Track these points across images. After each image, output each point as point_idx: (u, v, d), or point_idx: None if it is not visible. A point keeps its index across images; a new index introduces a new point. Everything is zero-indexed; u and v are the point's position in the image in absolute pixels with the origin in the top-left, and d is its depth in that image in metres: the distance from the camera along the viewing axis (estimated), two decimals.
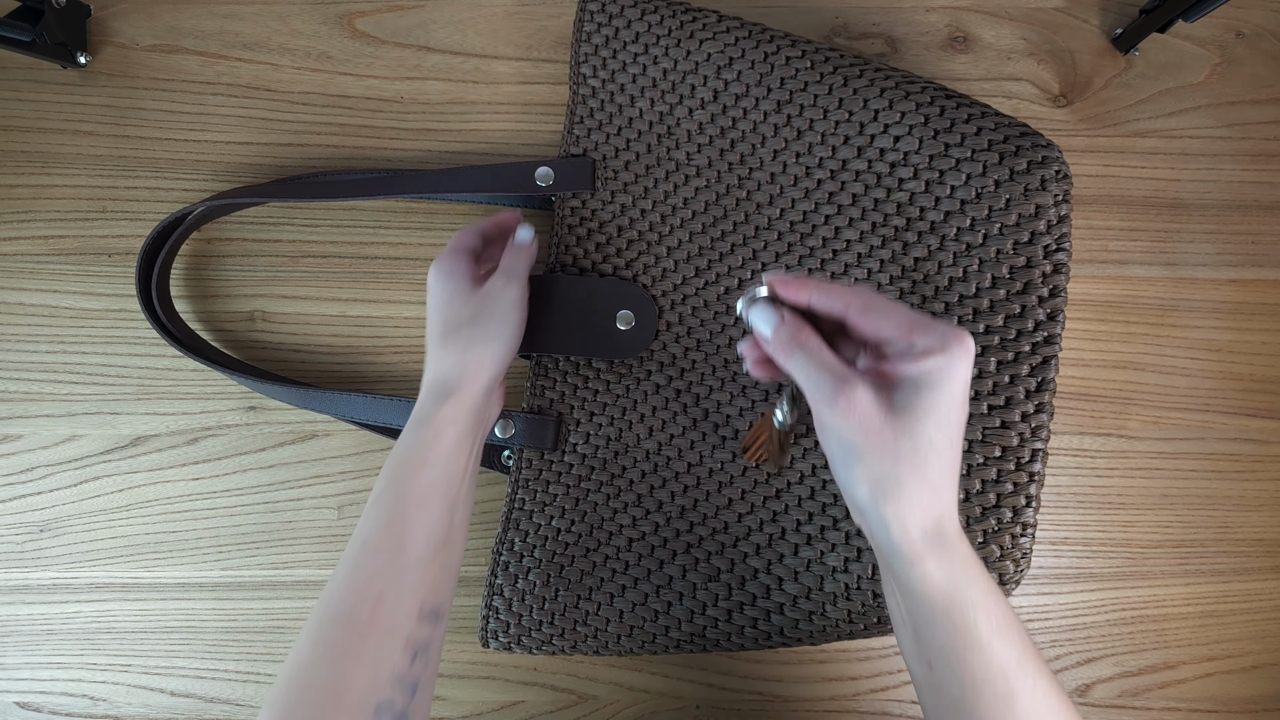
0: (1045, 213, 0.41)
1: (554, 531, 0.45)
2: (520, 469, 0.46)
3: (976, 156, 0.42)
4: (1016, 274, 0.41)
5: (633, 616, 0.44)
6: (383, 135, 0.49)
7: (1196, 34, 0.51)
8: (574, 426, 0.46)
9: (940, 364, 0.29)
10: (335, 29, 0.49)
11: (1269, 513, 0.50)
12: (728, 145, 0.45)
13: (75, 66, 0.48)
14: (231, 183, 0.49)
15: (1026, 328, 0.41)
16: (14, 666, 0.48)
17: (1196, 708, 0.50)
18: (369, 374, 0.49)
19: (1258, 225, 0.50)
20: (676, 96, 0.45)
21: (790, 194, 0.44)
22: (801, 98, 0.44)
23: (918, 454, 0.30)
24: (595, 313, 0.45)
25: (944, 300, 0.42)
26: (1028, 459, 0.41)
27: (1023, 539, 0.41)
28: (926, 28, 0.50)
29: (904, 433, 0.30)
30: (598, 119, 0.46)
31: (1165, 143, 0.50)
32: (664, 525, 0.45)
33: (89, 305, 0.48)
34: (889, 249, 0.43)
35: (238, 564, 0.48)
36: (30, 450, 0.48)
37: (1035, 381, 0.41)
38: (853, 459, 0.30)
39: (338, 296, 0.49)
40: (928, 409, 0.30)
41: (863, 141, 0.43)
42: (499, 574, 0.45)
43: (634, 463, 0.45)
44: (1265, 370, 0.50)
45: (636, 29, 0.46)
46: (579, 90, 0.47)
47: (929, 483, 0.30)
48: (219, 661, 0.48)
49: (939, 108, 0.42)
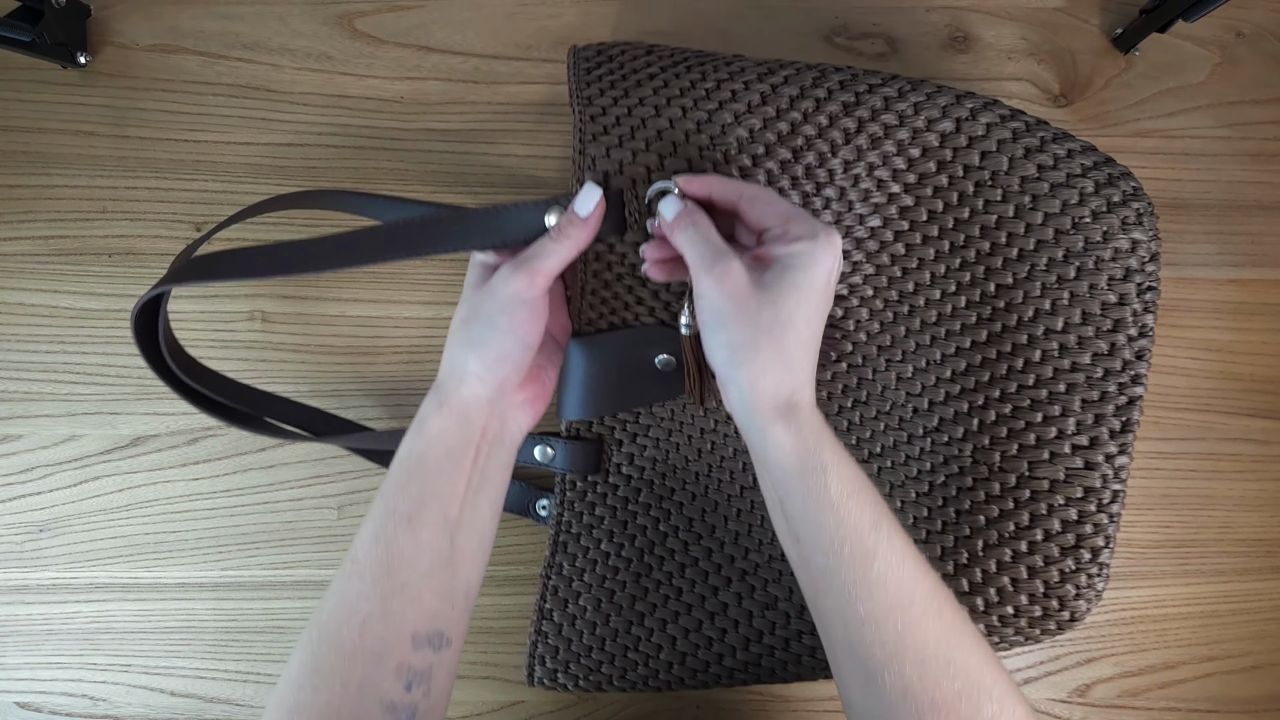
0: (1140, 248, 0.39)
1: (602, 556, 0.44)
2: (564, 492, 0.45)
3: (1072, 183, 0.39)
4: (1108, 311, 0.39)
5: (685, 644, 0.43)
6: (383, 135, 0.49)
7: (1197, 34, 0.51)
8: (617, 448, 0.45)
9: (806, 249, 0.33)
10: (335, 29, 0.49)
11: (1269, 513, 0.50)
12: (789, 156, 0.39)
13: (75, 67, 0.48)
14: (231, 182, 0.49)
15: (1114, 367, 0.39)
16: (14, 666, 0.48)
17: (1196, 708, 0.50)
18: (369, 374, 0.49)
19: (1258, 225, 0.50)
20: (714, 103, 0.38)
21: (859, 210, 0.41)
22: (871, 99, 0.39)
23: (776, 325, 0.32)
24: (633, 365, 0.43)
25: (1027, 332, 0.40)
26: (1109, 500, 0.40)
27: (1098, 580, 0.40)
28: (927, 27, 0.50)
29: (767, 305, 0.32)
30: (615, 135, 0.38)
31: (1166, 143, 0.50)
32: (717, 551, 0.44)
33: (89, 305, 0.48)
34: (968, 272, 0.41)
35: (238, 564, 0.48)
36: (30, 450, 0.48)
37: (1120, 422, 0.39)
38: (719, 324, 0.33)
39: (338, 296, 0.49)
40: (791, 287, 0.32)
41: (944, 155, 0.40)
42: (548, 598, 0.44)
43: (682, 485, 0.44)
44: (1265, 370, 0.50)
45: (647, 61, 0.41)
46: (588, 117, 0.38)
47: (784, 354, 0.32)
48: (219, 661, 0.48)
49: (1023, 123, 0.40)
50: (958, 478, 0.42)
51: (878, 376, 0.43)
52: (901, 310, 0.42)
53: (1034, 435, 0.40)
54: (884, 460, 0.43)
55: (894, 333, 0.43)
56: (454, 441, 0.35)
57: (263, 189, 0.49)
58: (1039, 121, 0.40)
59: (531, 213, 0.37)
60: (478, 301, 0.36)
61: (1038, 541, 0.40)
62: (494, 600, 0.49)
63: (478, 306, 0.36)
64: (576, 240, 0.36)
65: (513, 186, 0.49)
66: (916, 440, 0.43)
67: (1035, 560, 0.40)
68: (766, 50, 0.50)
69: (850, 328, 0.43)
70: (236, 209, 0.49)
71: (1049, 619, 0.41)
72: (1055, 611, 0.40)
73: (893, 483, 0.43)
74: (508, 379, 0.36)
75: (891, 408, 0.43)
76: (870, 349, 0.43)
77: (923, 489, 0.42)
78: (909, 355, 0.43)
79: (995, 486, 0.41)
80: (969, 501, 0.41)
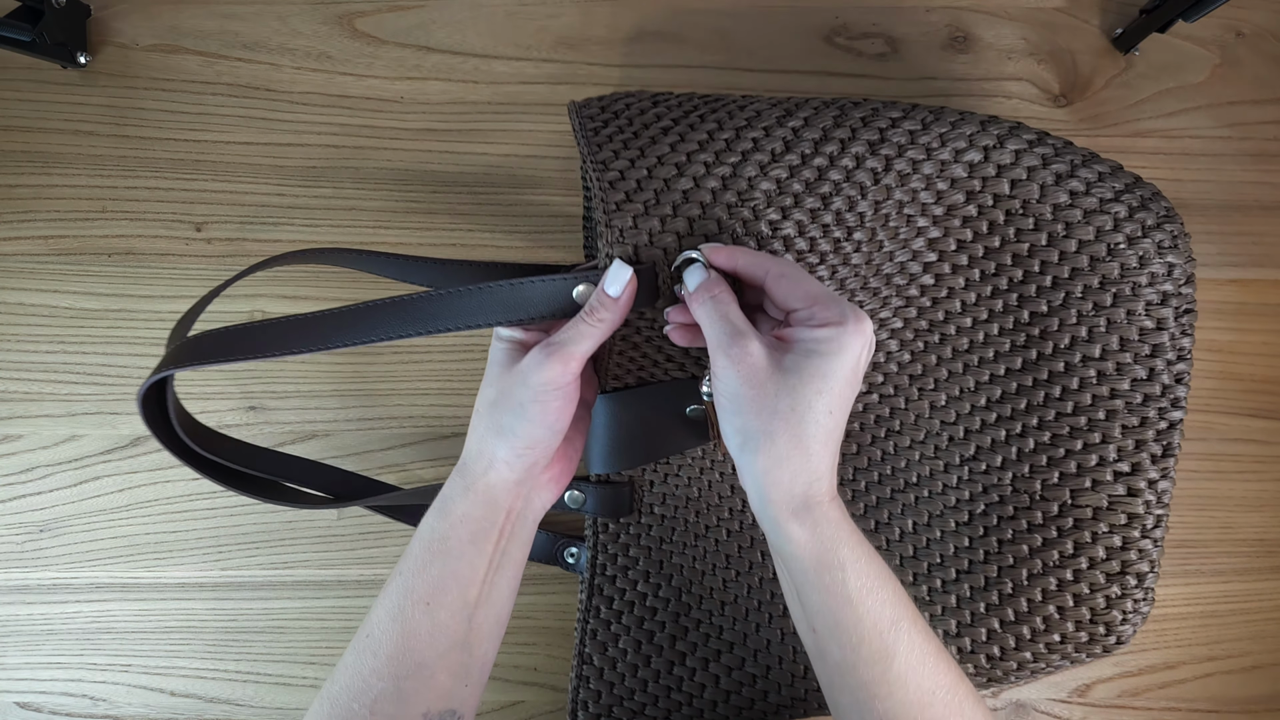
0: (1176, 270, 0.38)
1: (640, 597, 0.44)
2: (597, 535, 0.44)
3: (1105, 208, 0.38)
4: (1146, 336, 0.39)
5: (728, 682, 0.42)
6: (383, 135, 0.49)
7: (1197, 34, 0.51)
8: (648, 488, 0.44)
9: (832, 335, 0.31)
10: (335, 29, 0.49)
11: (1270, 513, 0.50)
12: (819, 205, 0.36)
13: (75, 66, 0.48)
14: (231, 182, 0.49)
15: (1154, 392, 0.39)
16: (14, 666, 0.48)
17: (1196, 708, 0.50)
18: (369, 374, 0.49)
19: (1258, 225, 0.50)
20: (736, 155, 0.36)
21: (889, 247, 0.39)
22: (895, 135, 0.38)
23: (794, 413, 0.30)
24: (664, 416, 0.42)
25: (1063, 359, 0.40)
26: (1152, 525, 0.39)
27: (1144, 604, 0.40)
28: (927, 28, 0.50)
29: (785, 391, 0.30)
30: (639, 202, 0.35)
31: (1166, 143, 0.50)
32: (756, 587, 0.43)
33: (89, 305, 0.48)
34: (1000, 300, 0.41)
35: (238, 564, 0.48)
36: (30, 450, 0.48)
37: (1161, 447, 0.39)
38: (734, 408, 0.31)
39: (338, 297, 0.49)
40: (813, 374, 0.30)
41: (973, 185, 0.39)
42: (587, 642, 0.43)
43: (717, 521, 0.44)
44: (1266, 370, 0.50)
45: (657, 114, 0.39)
46: (606, 184, 0.35)
47: (801, 444, 0.31)
48: (219, 661, 0.48)
49: (1051, 147, 0.39)
50: (998, 506, 0.41)
51: (910, 406, 0.43)
52: (932, 339, 0.42)
53: (1075, 463, 0.40)
54: (920, 490, 0.43)
55: (925, 361, 0.43)
56: (478, 526, 0.34)
57: (262, 188, 0.49)
58: (1066, 144, 0.39)
59: (559, 287, 0.34)
60: (507, 387, 0.34)
61: (1083, 569, 0.40)
62: None
63: (508, 392, 0.34)
64: (610, 322, 0.34)
65: (513, 186, 0.49)
66: (954, 469, 0.42)
67: (1081, 588, 0.40)
68: (767, 50, 0.50)
69: (881, 359, 0.43)
70: (236, 208, 0.49)
71: (1095, 643, 0.41)
72: (1102, 636, 0.40)
73: (931, 512, 0.43)
74: (536, 463, 0.35)
75: (926, 436, 0.43)
76: (902, 378, 0.43)
77: (962, 518, 0.42)
78: (941, 383, 0.42)
79: (1037, 515, 0.41)
80: (1011, 531, 0.41)
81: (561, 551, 0.46)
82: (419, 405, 0.49)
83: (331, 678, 0.33)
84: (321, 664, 0.48)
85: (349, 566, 0.48)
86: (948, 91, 0.50)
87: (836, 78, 0.50)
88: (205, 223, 0.49)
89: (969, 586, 0.42)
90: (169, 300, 0.49)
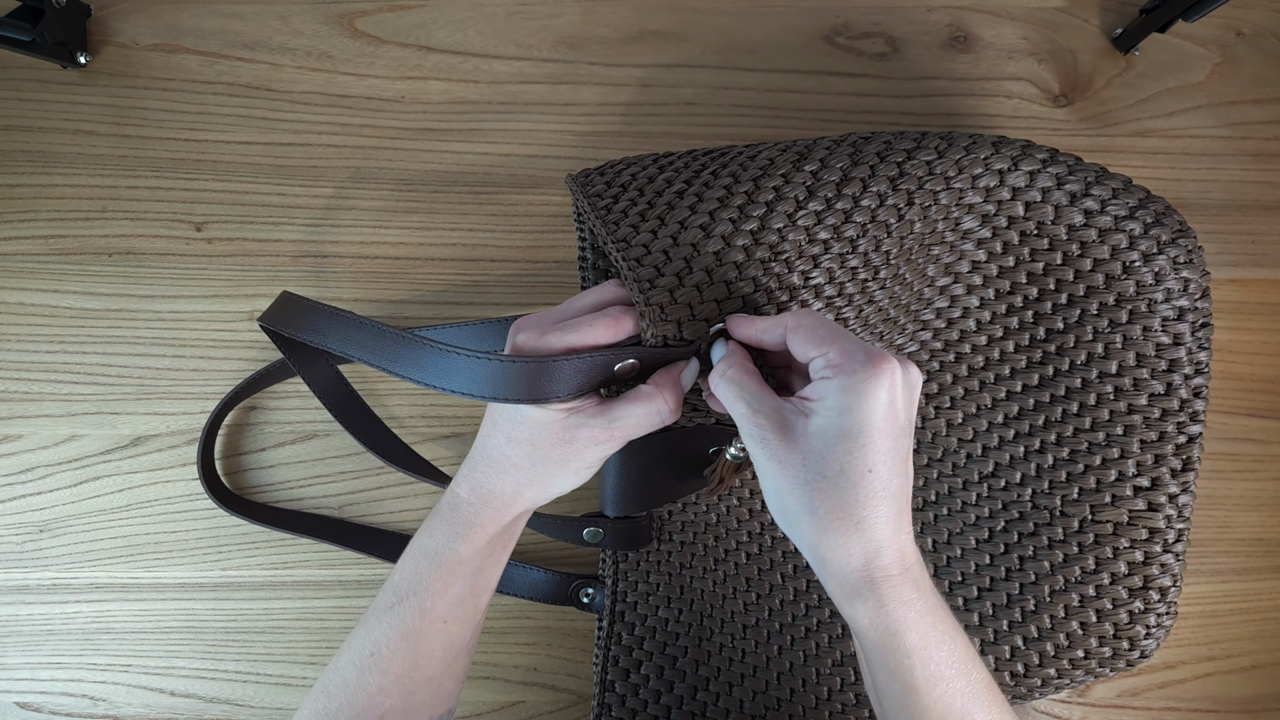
0: (1191, 285, 0.38)
1: (661, 622, 0.44)
2: (617, 562, 0.44)
3: (1120, 226, 0.38)
4: (1163, 352, 0.38)
5: (752, 706, 0.42)
6: (383, 135, 0.49)
7: (1197, 34, 0.51)
8: (667, 516, 0.44)
9: (846, 384, 0.27)
10: (336, 28, 0.49)
11: (1269, 513, 0.50)
12: (847, 249, 0.35)
13: (75, 66, 0.48)
14: (232, 181, 0.49)
15: (1172, 407, 0.39)
16: (14, 666, 0.48)
17: (1196, 708, 0.50)
18: (369, 374, 0.49)
19: (1258, 225, 0.50)
20: (761, 207, 0.35)
21: (910, 279, 0.39)
22: (913, 168, 0.37)
23: (827, 481, 0.27)
24: (686, 459, 0.42)
25: (1080, 376, 0.40)
26: (1173, 539, 0.39)
27: (1166, 618, 0.40)
28: (927, 27, 0.50)
29: (813, 460, 0.28)
30: (672, 274, 0.33)
31: (1166, 142, 0.50)
32: (778, 610, 0.43)
33: (89, 305, 0.48)
34: (1015, 317, 0.41)
35: (238, 564, 0.48)
36: (30, 450, 0.48)
37: (1180, 461, 0.39)
38: (771, 490, 0.29)
39: (338, 297, 0.49)
40: (837, 435, 0.27)
41: (987, 210, 0.39)
42: (610, 670, 0.43)
43: (737, 545, 0.44)
44: (1265, 370, 0.50)
45: (667, 179, 0.38)
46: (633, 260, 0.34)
47: (847, 515, 0.27)
48: (219, 661, 0.48)
49: (1065, 165, 0.38)
50: (1018, 523, 0.41)
51: (927, 424, 0.43)
52: (947, 358, 0.42)
53: (1094, 479, 0.40)
54: (940, 507, 0.43)
55: (940, 380, 0.43)
56: (498, 544, 0.35)
57: (263, 188, 0.49)
58: (1077, 160, 0.39)
59: (603, 368, 0.32)
60: (556, 453, 0.33)
61: (1105, 585, 0.40)
62: (494, 599, 0.48)
63: (561, 460, 0.33)
64: (675, 414, 0.33)
65: (513, 186, 0.49)
66: (972, 486, 0.42)
67: (1103, 604, 0.40)
68: (768, 49, 0.50)
69: None
70: (237, 208, 0.49)
71: (1119, 658, 0.41)
72: (1125, 651, 0.40)
73: (950, 530, 0.43)
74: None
75: (944, 454, 0.43)
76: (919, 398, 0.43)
77: (982, 535, 0.42)
78: (958, 401, 0.43)
79: (1058, 531, 0.40)
80: (1032, 547, 0.41)
81: (576, 592, 0.45)
82: (419, 405, 0.49)
83: (325, 694, 0.33)
84: (321, 664, 0.48)
85: (349, 566, 0.48)
86: (948, 91, 0.50)
87: (837, 77, 0.50)
88: (206, 222, 0.49)
89: (991, 604, 0.42)
90: (169, 300, 0.48)
